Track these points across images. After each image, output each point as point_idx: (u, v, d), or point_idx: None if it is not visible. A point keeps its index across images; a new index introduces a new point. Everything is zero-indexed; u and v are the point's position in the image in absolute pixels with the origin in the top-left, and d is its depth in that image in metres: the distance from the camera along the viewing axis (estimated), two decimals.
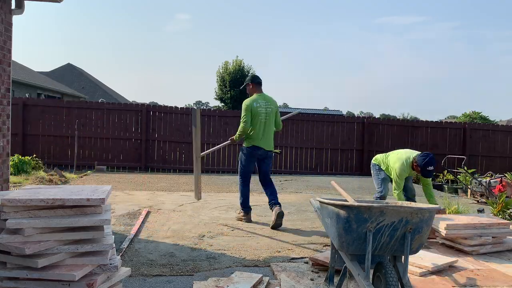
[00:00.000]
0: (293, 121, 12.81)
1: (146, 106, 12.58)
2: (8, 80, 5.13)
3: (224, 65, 30.08)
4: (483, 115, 25.38)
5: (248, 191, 5.78)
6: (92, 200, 2.49)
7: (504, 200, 5.89)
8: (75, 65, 40.51)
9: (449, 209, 6.04)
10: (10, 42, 5.16)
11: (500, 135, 13.84)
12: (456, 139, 13.60)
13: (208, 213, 6.25)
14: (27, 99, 12.92)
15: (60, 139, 11.93)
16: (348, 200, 3.25)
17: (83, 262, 2.48)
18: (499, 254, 4.39)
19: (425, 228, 2.74)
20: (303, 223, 5.88)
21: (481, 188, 8.59)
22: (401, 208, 2.65)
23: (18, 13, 5.25)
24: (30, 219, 2.42)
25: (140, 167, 12.09)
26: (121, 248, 4.26)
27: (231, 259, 4.15)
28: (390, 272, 2.73)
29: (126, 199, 7.19)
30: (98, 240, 2.55)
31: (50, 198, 2.45)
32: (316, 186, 9.96)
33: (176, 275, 3.66)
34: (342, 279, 3.16)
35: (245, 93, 6.08)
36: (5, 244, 2.37)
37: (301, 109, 26.11)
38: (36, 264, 2.34)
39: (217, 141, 12.55)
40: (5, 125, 5.13)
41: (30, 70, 26.58)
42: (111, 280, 2.65)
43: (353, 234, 2.65)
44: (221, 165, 12.61)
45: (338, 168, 13.15)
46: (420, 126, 13.63)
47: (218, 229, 5.33)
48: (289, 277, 3.57)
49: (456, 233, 4.37)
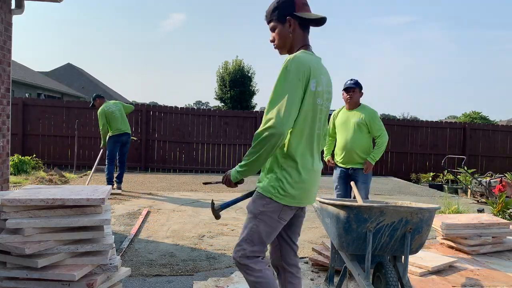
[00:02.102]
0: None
1: (146, 106, 12.57)
2: (8, 80, 5.14)
3: (224, 65, 30.04)
4: (483, 115, 25.42)
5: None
6: (92, 200, 2.49)
7: (504, 200, 5.89)
8: (75, 65, 40.53)
9: (449, 209, 6.05)
10: (10, 42, 5.16)
11: (500, 135, 13.84)
12: (456, 139, 13.59)
13: (208, 213, 6.25)
14: (27, 99, 12.91)
15: (60, 139, 11.93)
16: (358, 201, 3.26)
17: (83, 262, 2.48)
18: (499, 254, 4.39)
19: (425, 228, 2.73)
20: (303, 223, 5.88)
21: (481, 188, 8.59)
22: (401, 208, 2.65)
23: (18, 13, 5.26)
24: (30, 219, 2.42)
25: (140, 167, 12.09)
26: (121, 248, 4.26)
27: (231, 259, 4.15)
28: (390, 272, 2.73)
29: (126, 199, 7.19)
30: (98, 240, 2.55)
31: (50, 198, 2.45)
32: None
33: (176, 275, 3.66)
34: (342, 279, 3.16)
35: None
36: (5, 244, 2.37)
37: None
38: (36, 264, 2.34)
39: (217, 141, 12.57)
40: (5, 125, 5.13)
41: (30, 70, 26.58)
42: (111, 280, 2.65)
43: (353, 234, 2.65)
44: (221, 165, 12.61)
45: None
46: (420, 126, 13.62)
47: (218, 229, 5.33)
48: None
49: (456, 233, 4.37)
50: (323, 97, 2.14)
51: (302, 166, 2.13)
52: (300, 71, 2.02)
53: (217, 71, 30.36)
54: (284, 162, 2.11)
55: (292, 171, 2.11)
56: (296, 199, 2.14)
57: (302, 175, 2.13)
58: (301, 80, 2.02)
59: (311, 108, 2.10)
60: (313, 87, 2.06)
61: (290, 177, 2.10)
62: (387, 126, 13.37)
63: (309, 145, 2.16)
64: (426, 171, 12.92)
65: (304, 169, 2.14)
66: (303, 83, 2.03)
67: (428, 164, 13.32)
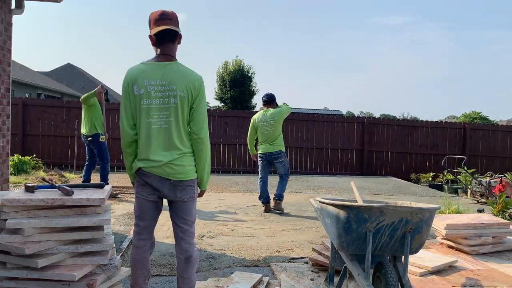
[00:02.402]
0: (293, 121, 12.81)
1: None
2: (8, 80, 5.14)
3: (224, 65, 30.05)
4: (483, 115, 25.43)
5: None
6: (92, 200, 2.49)
7: (504, 200, 5.89)
8: (75, 65, 40.52)
9: (449, 209, 6.05)
10: (10, 42, 5.16)
11: (500, 135, 13.83)
12: (456, 139, 13.59)
13: (208, 213, 6.25)
14: (27, 99, 12.91)
15: (60, 139, 11.92)
16: (358, 201, 3.26)
17: (83, 262, 2.48)
18: (499, 254, 4.38)
19: (425, 228, 2.73)
20: (303, 223, 5.88)
21: (481, 188, 8.59)
22: (401, 208, 2.65)
23: (18, 13, 5.26)
24: (30, 219, 2.42)
25: None
26: (121, 248, 4.26)
27: (231, 259, 4.15)
28: (390, 272, 2.72)
29: (126, 199, 7.19)
30: (98, 240, 2.55)
31: (50, 198, 2.45)
32: (316, 186, 9.96)
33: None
34: (342, 279, 3.16)
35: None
36: (5, 244, 2.37)
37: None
38: (36, 264, 2.34)
39: (217, 141, 12.57)
40: (5, 125, 5.13)
41: (30, 70, 26.58)
42: (111, 280, 2.65)
43: (353, 234, 2.65)
44: (221, 165, 12.61)
45: (338, 168, 13.15)
46: (420, 126, 13.62)
47: (218, 229, 5.33)
48: (289, 277, 3.57)
49: (456, 233, 4.37)
50: (150, 96, 2.51)
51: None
52: (124, 82, 2.58)
53: (217, 71, 30.39)
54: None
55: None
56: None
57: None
58: (125, 90, 2.57)
59: (139, 109, 2.54)
60: (136, 92, 2.52)
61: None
62: (387, 126, 13.54)
63: (147, 140, 2.56)
64: (426, 171, 12.92)
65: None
66: (127, 91, 2.56)
67: (428, 164, 13.33)
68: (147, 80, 2.52)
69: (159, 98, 2.52)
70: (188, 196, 2.63)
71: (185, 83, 2.54)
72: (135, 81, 2.53)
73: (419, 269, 3.67)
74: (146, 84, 2.51)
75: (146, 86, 2.51)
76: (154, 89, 2.52)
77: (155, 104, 2.52)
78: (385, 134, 13.39)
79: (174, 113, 2.53)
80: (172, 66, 2.56)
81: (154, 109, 2.52)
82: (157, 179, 2.58)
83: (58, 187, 2.62)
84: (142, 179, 2.63)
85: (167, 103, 2.53)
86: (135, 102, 2.54)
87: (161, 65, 2.55)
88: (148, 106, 2.52)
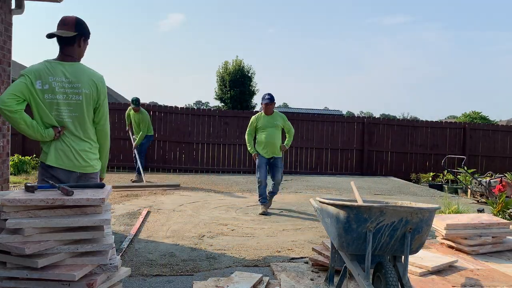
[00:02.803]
0: (293, 121, 12.78)
1: (146, 106, 12.55)
2: (8, 80, 5.14)
3: (224, 65, 30.03)
4: (483, 115, 25.40)
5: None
6: (92, 200, 2.49)
7: (504, 200, 5.89)
8: None
9: (449, 209, 6.04)
10: (10, 42, 5.16)
11: (500, 135, 13.84)
12: (456, 139, 13.60)
13: (208, 213, 6.25)
14: None
15: None
16: (358, 201, 3.26)
17: (83, 262, 2.48)
18: (499, 254, 4.39)
19: (425, 228, 2.73)
20: (303, 223, 5.88)
21: (481, 188, 8.59)
22: (401, 208, 2.65)
23: (18, 13, 5.26)
24: (30, 219, 2.42)
25: None
26: (121, 248, 4.26)
27: (231, 259, 4.15)
28: (390, 272, 2.72)
29: (126, 199, 7.19)
30: (98, 240, 2.55)
31: (50, 198, 2.45)
32: (316, 186, 9.96)
33: (176, 275, 3.66)
34: (342, 279, 3.16)
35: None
36: (5, 244, 2.37)
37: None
38: (36, 264, 2.34)
39: (217, 141, 12.57)
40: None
41: None
42: (111, 280, 2.65)
43: (353, 234, 2.65)
44: (221, 165, 12.61)
45: (338, 168, 13.15)
46: (420, 126, 13.62)
47: (218, 229, 5.33)
48: (289, 277, 3.57)
49: (456, 233, 4.37)
50: (54, 92, 2.73)
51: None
52: (26, 76, 2.73)
53: (217, 71, 30.36)
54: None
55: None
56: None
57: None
58: (27, 83, 2.70)
59: (44, 103, 2.75)
60: (39, 86, 2.71)
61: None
62: (387, 126, 13.54)
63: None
64: (426, 171, 12.92)
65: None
66: (29, 84, 2.71)
67: (428, 164, 13.33)
68: (52, 77, 2.74)
69: (63, 94, 2.76)
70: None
71: (89, 82, 2.82)
72: (38, 76, 2.72)
73: (419, 269, 3.67)
74: (51, 80, 2.73)
75: (51, 82, 2.73)
76: (58, 86, 2.75)
77: (60, 100, 2.76)
78: (385, 134, 13.39)
79: (79, 109, 2.80)
80: (75, 66, 2.82)
81: (59, 104, 2.76)
82: (63, 172, 2.83)
83: (58, 187, 2.62)
84: (49, 172, 2.87)
85: (72, 99, 2.78)
86: (37, 96, 2.72)
87: (65, 64, 2.81)
88: (51, 101, 2.74)
